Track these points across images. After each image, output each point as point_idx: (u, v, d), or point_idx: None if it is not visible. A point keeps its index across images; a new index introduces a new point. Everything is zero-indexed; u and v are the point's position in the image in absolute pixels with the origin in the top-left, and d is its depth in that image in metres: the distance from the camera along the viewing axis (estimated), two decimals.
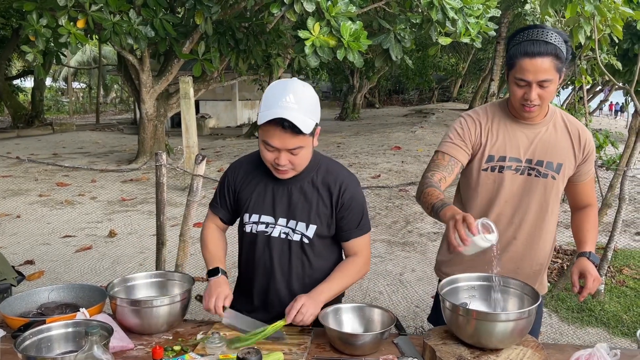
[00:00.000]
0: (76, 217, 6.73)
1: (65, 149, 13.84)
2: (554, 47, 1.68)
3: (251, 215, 1.82)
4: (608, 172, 5.17)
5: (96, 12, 7.67)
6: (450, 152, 1.86)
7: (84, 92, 35.10)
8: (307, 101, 1.63)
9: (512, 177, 1.85)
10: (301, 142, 1.63)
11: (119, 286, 1.82)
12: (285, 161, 1.66)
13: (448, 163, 1.85)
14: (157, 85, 10.30)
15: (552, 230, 1.94)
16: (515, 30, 1.81)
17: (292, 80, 1.66)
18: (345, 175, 1.82)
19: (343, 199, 1.78)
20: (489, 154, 1.86)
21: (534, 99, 1.73)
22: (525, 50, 1.69)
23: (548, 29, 1.71)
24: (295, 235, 1.79)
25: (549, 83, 1.70)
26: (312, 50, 6.28)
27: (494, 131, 1.86)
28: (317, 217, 1.78)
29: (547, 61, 1.67)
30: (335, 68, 24.00)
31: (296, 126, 1.57)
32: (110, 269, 4.90)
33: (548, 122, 1.86)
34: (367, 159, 11.63)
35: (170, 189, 8.09)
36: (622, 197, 4.03)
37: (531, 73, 1.69)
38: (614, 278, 4.60)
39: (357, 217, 1.81)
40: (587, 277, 1.75)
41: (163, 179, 3.54)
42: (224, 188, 1.90)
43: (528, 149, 1.84)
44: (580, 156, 1.87)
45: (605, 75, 8.10)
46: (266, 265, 1.82)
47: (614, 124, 21.27)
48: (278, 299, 1.82)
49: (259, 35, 9.60)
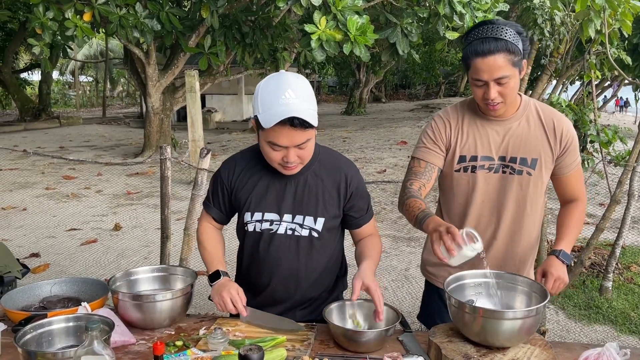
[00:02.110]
0: (82, 211, 6.75)
1: (71, 142, 13.89)
2: (505, 42, 1.63)
3: (253, 213, 1.76)
4: (616, 168, 5.11)
5: (102, 5, 7.65)
6: (425, 158, 1.84)
7: (91, 85, 35.20)
8: (305, 92, 1.58)
9: (485, 177, 1.81)
10: (309, 135, 1.60)
11: (121, 280, 1.80)
12: (294, 157, 1.61)
13: (425, 169, 1.83)
14: (163, 78, 10.29)
15: (534, 226, 1.89)
16: (468, 30, 1.76)
17: (283, 74, 1.60)
18: (346, 164, 1.81)
19: (351, 189, 1.77)
20: (460, 154, 1.82)
21: (494, 97, 1.68)
22: (476, 49, 1.65)
23: (498, 24, 1.66)
24: (303, 231, 1.75)
25: (506, 79, 1.65)
26: (319, 45, 6.23)
27: (464, 131, 1.83)
28: (325, 209, 1.74)
29: (500, 58, 1.63)
30: (342, 62, 23.93)
31: (306, 121, 1.53)
32: (115, 262, 4.90)
33: (520, 117, 1.80)
34: (373, 153, 11.59)
35: (175, 183, 8.10)
36: (632, 193, 3.98)
37: (485, 72, 1.65)
38: (622, 275, 4.56)
39: (366, 202, 1.83)
40: (548, 277, 1.68)
41: (168, 173, 3.52)
42: (217, 187, 1.83)
43: (500, 146, 1.79)
44: (558, 148, 1.80)
45: (615, 70, 8.02)
46: (272, 263, 1.78)
47: (622, 119, 21.08)
48: (286, 295, 1.79)
49: (265, 29, 9.55)
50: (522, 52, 1.67)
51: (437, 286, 2.00)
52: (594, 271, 4.57)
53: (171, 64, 10.32)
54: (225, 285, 1.71)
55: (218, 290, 1.70)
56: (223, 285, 1.71)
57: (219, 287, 1.71)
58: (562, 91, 10.30)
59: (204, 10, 7.99)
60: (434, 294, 2.02)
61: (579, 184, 1.88)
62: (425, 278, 2.08)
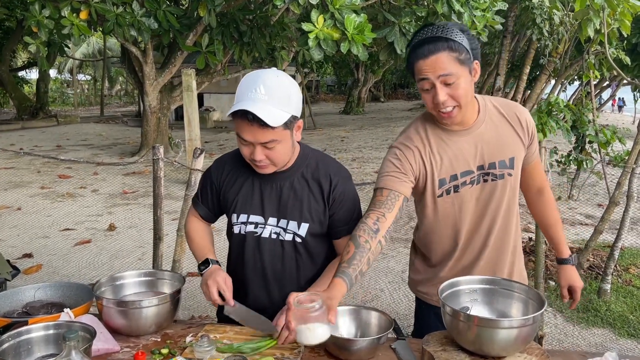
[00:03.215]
0: (77, 210, 6.69)
1: (68, 141, 13.83)
2: (445, 39, 1.54)
3: (239, 215, 1.73)
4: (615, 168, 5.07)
5: (99, 3, 7.60)
6: (389, 186, 1.62)
7: (89, 84, 35.09)
8: (279, 92, 1.52)
9: (469, 192, 1.71)
10: (274, 135, 1.53)
11: (106, 285, 1.75)
12: (260, 156, 1.56)
13: (387, 198, 1.60)
14: (160, 77, 10.24)
15: (516, 224, 1.84)
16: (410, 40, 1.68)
17: (266, 70, 1.56)
18: (336, 169, 1.73)
19: (334, 195, 1.69)
20: (439, 178, 1.69)
21: (444, 99, 1.56)
22: (416, 54, 1.57)
23: (437, 25, 1.59)
24: (287, 235, 1.70)
25: (453, 78, 1.54)
26: (316, 43, 6.18)
27: (434, 153, 1.68)
28: (309, 214, 1.69)
29: (442, 56, 1.53)
30: (340, 61, 23.86)
31: (261, 119, 1.47)
32: (109, 263, 4.85)
33: (484, 119, 1.70)
34: (371, 153, 11.55)
35: (171, 182, 8.05)
36: (630, 194, 3.94)
37: (429, 72, 1.55)
38: (620, 277, 4.51)
39: (349, 213, 1.71)
40: (576, 290, 1.81)
41: (160, 173, 3.47)
42: (207, 185, 1.80)
43: (476, 156, 1.69)
44: (527, 138, 1.74)
45: (613, 70, 7.98)
46: (257, 267, 1.74)
47: (620, 120, 21.05)
48: (271, 302, 1.74)
49: (263, 27, 9.50)
50: (470, 52, 1.57)
51: (430, 304, 1.89)
52: (592, 273, 4.53)
53: (169, 63, 10.27)
54: (213, 273, 1.67)
55: (206, 278, 1.67)
56: (211, 273, 1.68)
57: (207, 276, 1.67)
58: (561, 91, 10.28)
59: (202, 8, 7.93)
60: (429, 312, 1.90)
61: (542, 170, 1.89)
62: (417, 296, 1.98)
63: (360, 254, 1.48)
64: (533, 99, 10.01)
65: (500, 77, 10.44)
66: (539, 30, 8.56)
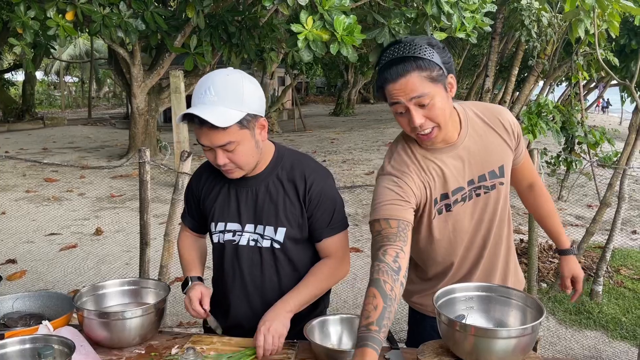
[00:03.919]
0: (63, 214, 6.58)
1: (55, 144, 13.65)
2: (413, 59, 1.42)
3: (217, 224, 1.67)
4: (604, 169, 5.07)
5: (85, 4, 7.49)
6: (396, 215, 1.46)
7: (77, 86, 34.76)
8: (229, 91, 1.45)
9: (462, 209, 1.63)
10: (230, 137, 1.46)
11: (87, 296, 1.68)
12: (223, 160, 1.51)
13: (398, 230, 1.44)
14: (148, 79, 10.13)
15: (508, 225, 1.77)
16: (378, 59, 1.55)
17: (217, 71, 1.50)
18: (312, 168, 1.64)
19: (311, 195, 1.61)
20: (434, 197, 1.60)
21: (421, 122, 1.45)
22: (385, 78, 1.45)
23: (404, 42, 1.46)
24: (264, 242, 1.63)
25: (427, 99, 1.43)
26: (305, 45, 6.12)
27: (426, 173, 1.58)
28: (285, 218, 1.61)
29: (412, 77, 1.41)
30: (330, 63, 23.85)
31: (206, 121, 1.40)
32: (95, 268, 4.76)
33: (467, 132, 1.60)
34: (361, 154, 11.52)
35: (160, 185, 7.96)
36: (622, 195, 3.93)
37: (400, 95, 1.44)
38: (612, 279, 4.50)
39: (328, 214, 1.63)
40: (578, 280, 1.79)
41: (147, 177, 3.40)
42: (189, 197, 1.75)
43: (465, 171, 1.61)
44: (514, 141, 1.67)
45: (601, 72, 8.01)
46: (236, 276, 1.67)
47: (607, 120, 21.24)
48: (253, 313, 1.66)
49: (251, 29, 9.44)
50: (443, 66, 1.45)
51: (426, 315, 1.81)
52: (584, 275, 4.51)
53: (157, 65, 10.16)
54: (191, 288, 1.66)
55: (186, 298, 1.66)
56: (190, 289, 1.67)
57: (189, 295, 1.65)
58: (550, 92, 10.32)
59: (190, 10, 7.85)
60: (424, 322, 1.83)
61: (531, 166, 1.83)
62: (411, 306, 1.90)
63: (389, 308, 1.32)
64: (522, 100, 10.03)
65: (489, 78, 10.47)
66: (528, 32, 8.59)
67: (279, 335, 1.50)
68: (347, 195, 7.59)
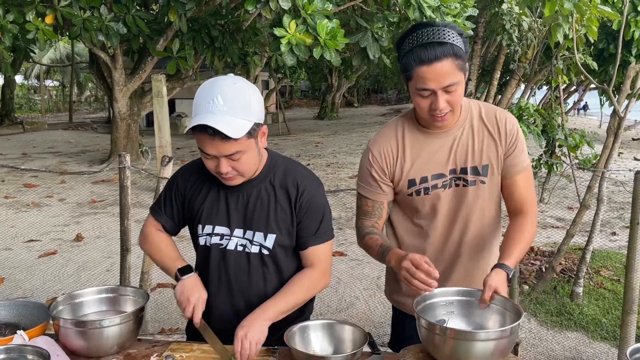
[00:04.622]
0: (42, 220, 6.47)
1: (35, 149, 13.46)
2: (451, 45, 1.47)
3: (204, 226, 1.64)
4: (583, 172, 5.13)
5: (65, 7, 7.40)
6: (370, 196, 1.75)
7: (57, 90, 34.32)
8: (238, 100, 1.44)
9: (440, 195, 1.68)
10: (238, 146, 1.46)
11: (63, 304, 1.64)
12: (226, 168, 1.49)
13: (372, 208, 1.75)
14: (130, 83, 10.03)
15: (496, 235, 1.79)
16: (402, 34, 1.57)
17: (222, 78, 1.48)
18: (304, 176, 1.65)
19: (301, 202, 1.61)
20: (409, 178, 1.68)
21: (443, 107, 1.53)
22: (420, 57, 1.48)
23: (438, 26, 1.51)
24: (253, 247, 1.62)
25: (455, 86, 1.51)
26: (288, 49, 6.12)
27: (408, 152, 1.68)
28: (276, 224, 1.61)
29: (447, 64, 1.47)
30: (314, 67, 23.90)
31: (221, 132, 1.39)
32: (75, 275, 4.69)
33: (463, 124, 1.66)
34: (346, 158, 11.53)
35: (142, 190, 7.88)
36: (601, 198, 3.98)
37: (433, 81, 1.49)
38: (592, 280, 4.56)
39: (316, 222, 1.63)
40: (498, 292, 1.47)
41: (127, 182, 3.36)
42: (171, 193, 1.70)
43: (448, 160, 1.66)
44: (504, 143, 1.65)
45: (580, 75, 8.13)
46: (222, 280, 1.65)
47: (586, 123, 21.57)
48: (237, 317, 1.63)
49: (235, 33, 9.41)
50: (465, 54, 1.53)
51: (407, 313, 1.85)
52: (565, 276, 4.56)
53: (139, 68, 10.07)
54: (194, 288, 1.59)
55: (184, 289, 1.58)
56: (192, 286, 1.59)
57: (188, 287, 1.58)
58: (531, 96, 10.45)
59: (172, 13, 7.80)
60: (405, 321, 1.86)
61: (528, 189, 1.69)
62: (393, 304, 1.94)
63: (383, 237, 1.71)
64: (504, 104, 10.14)
65: (471, 82, 10.56)
66: (509, 36, 8.69)
67: (256, 341, 1.48)
68: (332, 198, 7.59)
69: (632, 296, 2.84)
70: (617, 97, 4.02)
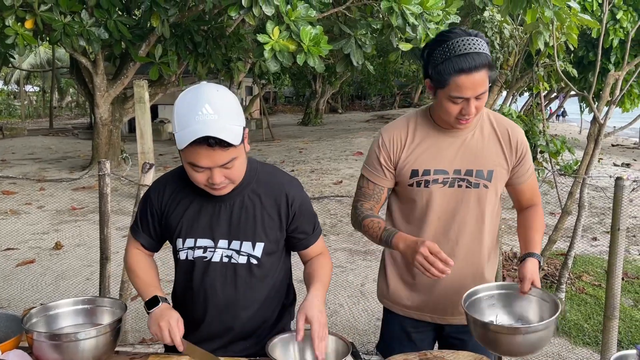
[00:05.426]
0: (20, 228, 6.34)
1: (14, 155, 13.23)
2: (486, 56, 1.57)
3: (185, 240, 1.59)
4: (565, 178, 5.19)
5: (45, 12, 7.29)
6: (373, 180, 1.81)
7: (38, 95, 33.85)
8: (227, 107, 1.41)
9: (440, 191, 1.73)
10: (233, 153, 1.43)
11: (37, 316, 1.59)
12: (220, 178, 1.45)
13: (373, 191, 1.81)
14: (112, 89, 9.92)
15: (492, 240, 1.83)
16: (434, 40, 1.62)
17: (203, 87, 1.44)
18: (288, 182, 1.64)
19: (294, 209, 1.61)
20: (412, 168, 1.74)
21: (473, 112, 1.62)
22: (460, 67, 1.54)
23: (476, 36, 1.58)
24: (240, 258, 1.58)
25: (485, 94, 1.61)
26: (272, 55, 6.10)
27: (415, 143, 1.75)
28: (264, 233, 1.58)
29: (482, 73, 1.56)
30: (298, 73, 23.90)
31: (224, 141, 1.37)
32: (54, 284, 4.60)
33: (474, 127, 1.74)
34: (330, 164, 11.52)
35: (124, 197, 7.78)
36: (582, 204, 4.02)
37: (470, 89, 1.57)
38: (574, 285, 4.59)
39: (311, 222, 1.68)
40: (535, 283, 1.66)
41: (107, 189, 3.30)
42: (146, 210, 1.65)
43: (454, 159, 1.72)
44: (513, 158, 1.75)
45: (561, 82, 8.24)
46: (207, 295, 1.61)
47: (567, 130, 21.89)
48: (224, 329, 1.62)
49: (218, 38, 9.37)
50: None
51: (397, 314, 1.90)
52: (547, 282, 4.59)
53: (121, 74, 9.97)
54: (164, 314, 1.51)
55: (156, 319, 1.51)
56: (162, 313, 1.51)
57: (157, 316, 1.51)
58: (512, 102, 10.55)
59: (154, 19, 7.73)
60: (396, 322, 1.91)
61: (534, 189, 1.85)
62: (384, 305, 1.96)
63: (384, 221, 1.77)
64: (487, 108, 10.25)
65: None
66: (491, 43, 8.77)
67: (324, 323, 1.48)
68: (316, 205, 7.53)
69: (614, 302, 2.85)
70: (597, 104, 4.07)
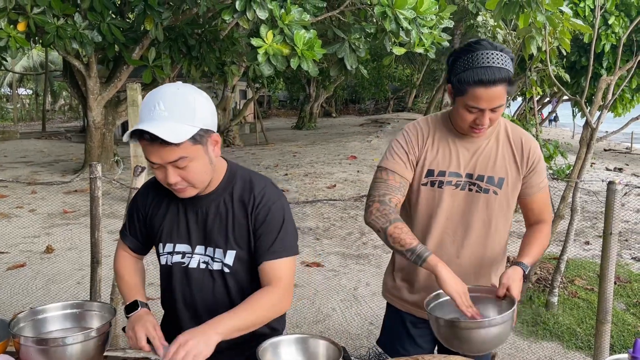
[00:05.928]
0: (11, 232, 6.28)
1: (6, 158, 13.13)
2: (507, 71, 1.60)
3: (165, 244, 1.59)
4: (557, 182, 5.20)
5: (38, 14, 7.26)
6: (399, 172, 1.78)
7: (31, 98, 33.67)
8: (180, 105, 1.39)
9: (452, 193, 1.78)
10: (182, 152, 1.38)
11: (25, 321, 1.57)
12: (175, 178, 1.43)
13: (400, 184, 1.77)
14: (105, 92, 9.88)
15: (499, 246, 1.85)
16: (461, 49, 1.68)
17: (167, 85, 1.44)
18: (263, 186, 1.56)
19: (257, 212, 1.52)
20: (429, 168, 1.79)
21: (486, 123, 1.67)
22: (480, 78, 1.59)
23: (499, 51, 1.61)
24: (215, 264, 1.56)
25: (501, 107, 1.65)
26: (265, 59, 6.10)
27: (435, 144, 1.80)
28: (235, 241, 1.54)
29: (500, 88, 1.61)
30: (292, 77, 23.94)
31: (158, 137, 1.33)
32: (44, 288, 4.55)
33: (490, 135, 1.79)
34: (323, 168, 11.51)
35: (116, 200, 7.73)
36: (575, 208, 4.03)
37: (485, 101, 1.62)
38: (567, 289, 4.60)
39: (272, 235, 1.51)
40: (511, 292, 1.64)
41: (98, 192, 3.28)
42: (133, 214, 1.65)
43: (468, 164, 1.78)
44: (525, 167, 1.78)
45: (554, 87, 8.29)
46: (187, 300, 1.60)
47: (560, 134, 22.00)
48: None
49: (212, 42, 9.36)
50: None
51: (399, 309, 1.94)
52: (540, 286, 4.60)
53: (114, 77, 9.93)
54: (141, 318, 1.50)
55: (132, 324, 1.50)
56: (139, 318, 1.50)
57: (134, 320, 1.50)
58: (506, 107, 10.62)
59: (148, 22, 7.71)
60: (397, 317, 1.94)
61: (545, 205, 1.85)
62: (387, 301, 2.01)
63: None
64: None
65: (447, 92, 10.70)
66: None
67: (194, 354, 1.30)
68: (309, 209, 7.55)
69: (606, 306, 2.86)
70: (589, 108, 4.09)
